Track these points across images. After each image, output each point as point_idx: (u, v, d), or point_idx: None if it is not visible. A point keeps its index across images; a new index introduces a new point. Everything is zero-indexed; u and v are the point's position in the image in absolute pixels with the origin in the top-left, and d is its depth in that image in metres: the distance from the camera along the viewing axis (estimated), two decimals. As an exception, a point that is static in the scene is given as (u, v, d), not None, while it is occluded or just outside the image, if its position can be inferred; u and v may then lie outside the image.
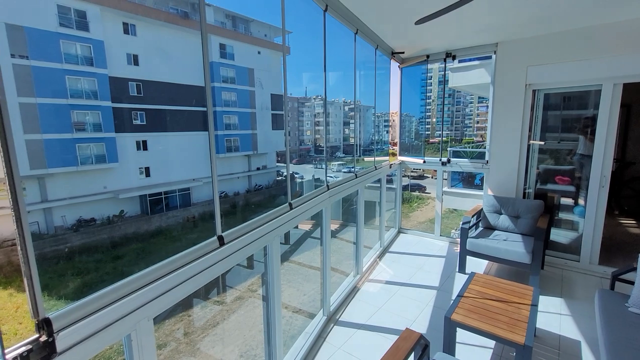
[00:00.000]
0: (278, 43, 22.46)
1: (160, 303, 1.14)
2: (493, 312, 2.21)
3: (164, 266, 1.19)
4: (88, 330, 0.90)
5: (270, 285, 1.94)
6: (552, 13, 2.92)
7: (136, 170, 15.35)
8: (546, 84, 3.68)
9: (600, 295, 2.35)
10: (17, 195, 0.75)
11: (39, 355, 0.80)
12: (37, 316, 0.81)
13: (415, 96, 7.09)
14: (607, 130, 3.38)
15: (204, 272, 1.34)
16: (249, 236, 1.62)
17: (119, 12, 14.66)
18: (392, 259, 4.07)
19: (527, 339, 1.92)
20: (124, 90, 14.90)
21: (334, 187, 2.74)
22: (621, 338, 1.92)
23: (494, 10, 2.80)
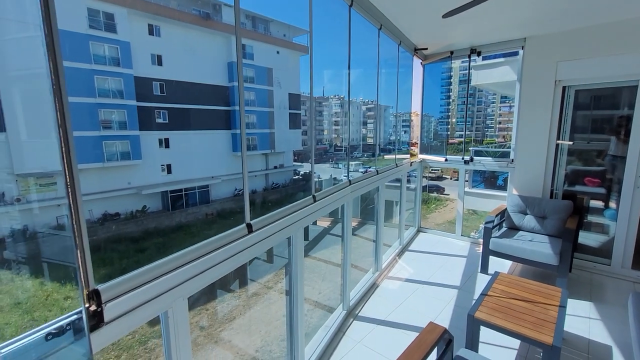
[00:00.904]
0: (297, 43, 22.61)
1: (194, 284, 1.18)
2: (519, 311, 2.16)
3: (197, 249, 1.24)
4: (132, 303, 0.96)
5: (293, 276, 1.97)
6: (584, 6, 2.81)
7: (158, 167, 15.85)
8: (577, 80, 3.54)
9: (635, 299, 2.24)
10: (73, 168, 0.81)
11: (89, 324, 0.85)
12: (88, 287, 0.86)
13: (434, 95, 6.89)
14: (644, 128, 3.22)
15: (233, 258, 1.38)
16: (275, 226, 1.66)
17: (144, 14, 15.18)
18: (412, 258, 4.02)
19: (556, 339, 1.87)
20: (148, 90, 15.42)
21: (356, 182, 2.75)
22: (658, 343, 1.83)
23: (523, 3, 2.72)
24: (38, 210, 10.62)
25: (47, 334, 0.79)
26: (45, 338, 0.79)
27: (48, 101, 0.79)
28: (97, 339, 0.87)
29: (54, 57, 0.78)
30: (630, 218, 3.37)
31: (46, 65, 0.77)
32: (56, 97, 0.79)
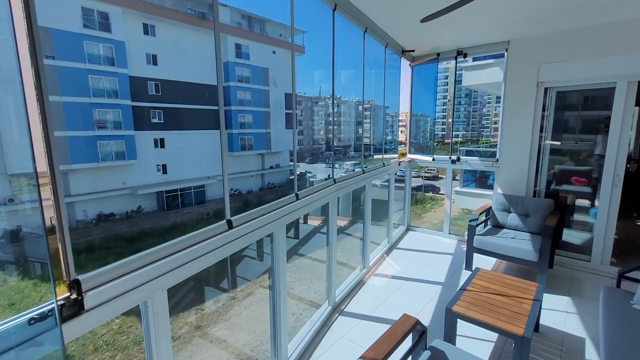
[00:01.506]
0: (294, 44, 22.62)
1: (173, 276, 1.25)
2: (494, 305, 2.25)
3: (178, 243, 1.31)
4: (112, 293, 1.02)
5: (276, 272, 2.04)
6: (565, 10, 2.91)
7: (154, 167, 15.84)
8: (558, 82, 3.65)
9: (606, 293, 2.34)
10: (55, 167, 0.87)
11: (70, 311, 0.92)
12: (69, 277, 0.93)
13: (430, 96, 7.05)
14: (621, 129, 3.33)
15: (213, 252, 1.45)
16: (256, 222, 1.73)
17: (139, 13, 15.16)
18: (399, 255, 4.11)
19: (527, 331, 1.95)
20: (143, 89, 15.41)
21: (341, 181, 2.83)
22: (621, 333, 1.93)
23: (504, 7, 2.81)
24: (31, 210, 10.60)
25: (29, 319, 0.86)
26: (28, 323, 0.86)
27: (29, 101, 0.86)
28: (78, 325, 0.94)
29: (34, 56, 0.84)
30: (609, 215, 3.48)
31: (18, 66, 0.82)
32: (38, 97, 0.86)
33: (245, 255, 6.43)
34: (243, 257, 6.46)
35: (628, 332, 1.94)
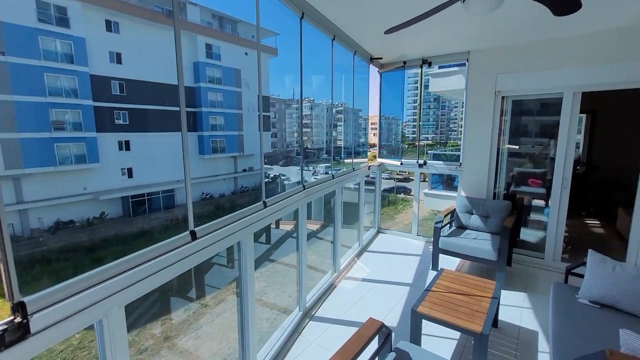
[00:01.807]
0: (266, 45, 22.51)
1: (131, 292, 1.21)
2: (456, 304, 2.36)
3: (136, 257, 1.26)
4: (61, 314, 0.97)
5: (243, 280, 2.02)
6: (517, 26, 3.12)
7: (118, 171, 15.07)
8: (513, 91, 3.90)
9: (555, 288, 2.53)
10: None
11: (14, 335, 0.86)
12: (12, 299, 0.88)
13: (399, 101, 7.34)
14: (568, 135, 3.62)
15: (175, 264, 1.42)
16: (222, 232, 1.70)
17: (101, 9, 14.41)
18: (370, 258, 4.20)
19: (485, 328, 2.07)
20: (106, 89, 14.64)
21: (310, 187, 2.85)
22: (568, 326, 2.09)
23: (463, 21, 2.98)
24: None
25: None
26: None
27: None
28: (23, 350, 0.89)
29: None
30: (559, 215, 3.76)
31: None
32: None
33: (215, 262, 6.27)
34: (212, 264, 6.29)
35: (574, 324, 2.11)
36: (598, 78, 3.34)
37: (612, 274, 2.27)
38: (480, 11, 1.82)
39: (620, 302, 2.19)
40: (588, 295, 2.33)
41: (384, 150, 5.22)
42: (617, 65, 3.21)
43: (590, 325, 2.07)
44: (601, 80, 3.33)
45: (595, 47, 3.29)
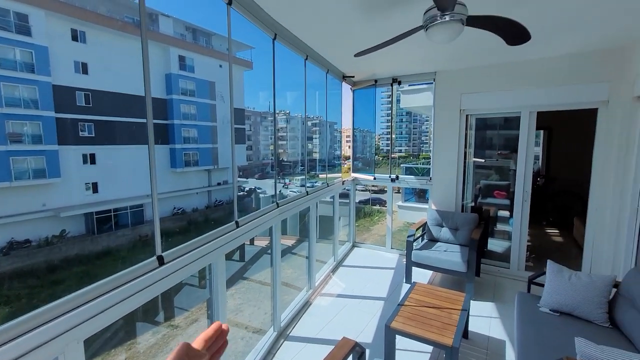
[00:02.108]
0: (240, 58, 22.53)
1: (91, 325, 1.14)
2: (428, 318, 2.42)
3: (97, 288, 1.20)
4: (12, 354, 0.90)
5: (214, 304, 1.96)
6: (478, 50, 3.35)
7: (81, 185, 14.25)
8: (476, 110, 4.15)
9: (519, 298, 2.66)
10: None
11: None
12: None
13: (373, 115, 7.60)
14: (527, 151, 3.87)
15: (141, 292, 1.36)
16: (191, 255, 1.66)
17: (67, 18, 13.88)
18: (345, 273, 4.21)
19: (455, 340, 2.13)
20: (70, 100, 13.96)
21: (284, 204, 2.85)
22: (531, 335, 2.20)
23: (428, 46, 3.15)
24: None
25: None
26: None
27: None
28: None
29: None
30: (522, 226, 3.98)
31: None
32: None
33: (186, 283, 6.00)
34: (183, 285, 6.02)
35: (536, 333, 2.22)
36: (550, 99, 3.63)
37: (569, 283, 2.42)
38: (440, 41, 1.95)
39: (577, 309, 2.34)
40: (548, 304, 2.46)
41: (358, 163, 5.31)
42: (567, 87, 3.51)
43: (551, 334, 2.19)
44: (553, 102, 3.63)
45: (548, 71, 3.59)
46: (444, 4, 1.74)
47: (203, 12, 24.83)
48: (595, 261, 3.57)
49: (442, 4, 1.74)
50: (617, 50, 3.22)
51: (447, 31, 1.90)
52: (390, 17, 2.39)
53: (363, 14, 2.35)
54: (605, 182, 3.43)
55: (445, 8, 1.79)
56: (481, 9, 2.15)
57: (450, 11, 1.81)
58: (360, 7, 2.25)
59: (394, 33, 2.17)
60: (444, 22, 1.86)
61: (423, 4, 2.03)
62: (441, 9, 1.80)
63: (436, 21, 1.88)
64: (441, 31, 1.90)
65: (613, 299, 2.35)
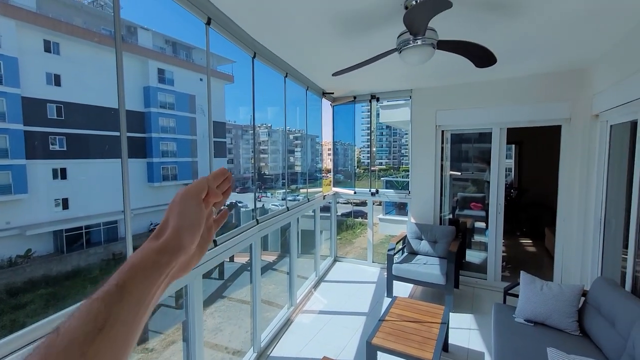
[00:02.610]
0: (221, 71, 22.54)
1: None
2: (408, 332, 2.43)
3: (55, 320, 1.14)
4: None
5: (190, 326, 1.89)
6: (451, 71, 3.52)
7: (50, 202, 13.54)
8: (451, 126, 4.32)
9: (495, 309, 2.73)
10: None
11: None
12: None
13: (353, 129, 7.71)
14: (499, 166, 4.05)
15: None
16: (166, 277, 1.60)
17: (39, 29, 13.49)
18: (327, 288, 4.18)
19: (435, 355, 2.14)
20: (41, 113, 13.42)
21: (264, 221, 2.82)
22: (507, 345, 2.25)
23: (404, 65, 3.27)
24: None
25: None
26: None
27: None
28: None
29: None
30: (497, 238, 4.12)
31: None
32: None
33: (161, 303, 5.75)
34: (159, 306, 5.77)
35: (512, 343, 2.28)
36: (519, 116, 3.84)
37: (541, 293, 2.51)
38: (413, 63, 2.04)
39: (549, 319, 2.42)
40: (523, 314, 2.54)
41: (340, 176, 5.37)
42: (534, 105, 3.74)
43: (526, 344, 2.25)
44: (521, 118, 3.84)
45: (516, 90, 3.81)
46: (416, 29, 1.84)
47: (183, 29, 25.00)
48: (565, 270, 3.72)
49: (414, 29, 1.84)
50: (576, 72, 3.48)
51: (419, 54, 1.99)
52: (366, 40, 2.49)
53: (340, 37, 2.43)
54: (571, 194, 3.63)
55: (417, 33, 1.88)
56: (450, 33, 2.28)
57: (422, 36, 1.91)
58: (337, 31, 2.33)
59: (370, 54, 2.26)
60: (416, 45, 1.96)
61: (396, 28, 2.12)
62: (413, 33, 1.89)
63: (409, 45, 1.97)
64: (414, 54, 2.00)
65: (582, 307, 2.46)
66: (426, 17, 1.68)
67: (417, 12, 1.63)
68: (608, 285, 2.31)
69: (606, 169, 3.05)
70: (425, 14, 1.66)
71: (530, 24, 2.28)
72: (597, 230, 3.16)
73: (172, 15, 28.12)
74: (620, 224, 2.82)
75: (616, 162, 2.94)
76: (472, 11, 2.06)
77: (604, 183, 3.08)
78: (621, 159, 2.82)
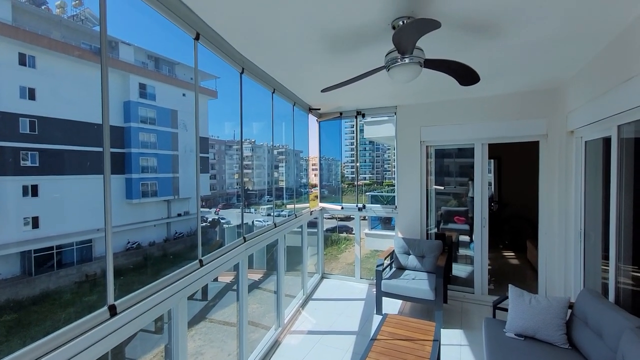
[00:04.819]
0: (206, 87, 22.49)
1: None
2: (401, 352, 2.37)
3: (35, 349, 1.03)
4: None
5: (174, 352, 1.77)
6: (435, 88, 3.63)
7: (19, 220, 12.77)
8: (434, 142, 4.42)
9: (485, 324, 2.72)
10: None
11: None
12: None
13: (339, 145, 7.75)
14: (482, 180, 4.15)
15: (89, 350, 1.19)
16: (149, 301, 1.50)
17: (14, 42, 13.10)
18: (315, 307, 4.07)
19: (429, 375, 2.09)
20: (13, 127, 12.83)
21: (251, 238, 2.74)
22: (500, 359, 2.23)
23: (389, 83, 3.36)
24: None
25: None
26: None
27: None
28: None
29: None
30: (482, 251, 4.17)
31: None
32: None
33: (141, 329, 5.43)
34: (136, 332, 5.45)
35: (505, 358, 2.26)
36: (499, 132, 3.98)
37: (529, 307, 2.53)
38: (401, 80, 2.09)
39: (538, 332, 2.43)
40: (513, 328, 2.54)
41: (325, 191, 5.34)
42: (513, 122, 3.89)
43: (519, 359, 2.24)
44: (502, 134, 3.98)
45: (497, 107, 3.96)
46: (404, 48, 1.88)
47: (171, 44, 24.96)
48: (549, 282, 3.80)
49: (402, 48, 1.88)
50: (552, 90, 3.67)
51: (407, 72, 2.04)
52: (354, 57, 2.53)
53: (328, 54, 2.47)
54: (551, 208, 3.75)
55: (405, 52, 1.93)
56: (435, 51, 2.36)
57: (410, 54, 1.96)
58: (325, 49, 2.36)
59: (358, 71, 2.30)
60: (404, 64, 2.00)
61: (385, 46, 2.18)
62: (401, 52, 1.94)
63: (397, 63, 2.02)
64: (402, 72, 2.04)
65: (569, 320, 2.49)
66: (414, 37, 1.73)
67: (405, 31, 1.68)
68: (592, 297, 2.35)
69: (583, 183, 3.18)
70: (414, 34, 1.71)
71: (508, 46, 2.40)
72: (578, 243, 3.26)
73: (160, 30, 28.13)
74: (599, 237, 2.91)
75: (592, 177, 3.07)
76: (455, 31, 2.15)
77: (581, 197, 3.20)
78: (597, 173, 2.95)
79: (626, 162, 2.37)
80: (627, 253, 2.36)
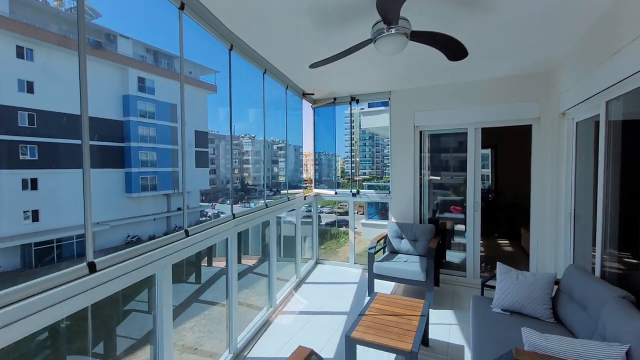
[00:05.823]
0: (203, 81, 22.41)
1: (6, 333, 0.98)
2: (388, 325, 2.39)
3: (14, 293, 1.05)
4: None
5: (159, 322, 1.79)
6: (427, 71, 3.62)
7: (19, 214, 12.83)
8: (428, 126, 4.42)
9: (473, 301, 2.74)
10: None
11: None
12: None
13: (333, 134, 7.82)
14: (475, 164, 4.15)
15: (67, 302, 1.21)
16: (132, 263, 1.52)
17: (10, 34, 13.06)
18: (308, 290, 4.10)
19: (414, 345, 2.11)
20: (11, 121, 12.84)
21: (241, 216, 2.75)
22: (485, 335, 2.25)
23: (380, 65, 3.35)
24: None
25: None
26: None
27: None
28: None
29: None
30: (474, 235, 4.18)
31: None
32: None
33: (132, 309, 5.44)
34: (130, 311, 5.45)
35: (490, 333, 2.28)
36: (492, 116, 3.98)
37: (516, 283, 2.55)
38: (388, 52, 2.09)
39: (524, 307, 2.45)
40: (500, 304, 2.56)
41: (323, 185, 5.35)
42: (506, 106, 3.88)
43: (503, 332, 2.25)
44: (494, 118, 3.97)
45: (489, 91, 3.95)
46: (389, 17, 1.88)
47: (154, 15, 24.31)
48: (540, 262, 3.82)
49: (387, 17, 1.88)
50: (543, 73, 3.65)
51: (393, 43, 2.04)
52: (342, 33, 2.52)
53: (317, 29, 2.46)
54: (543, 190, 3.75)
55: (390, 21, 1.93)
56: (424, 27, 2.35)
57: (395, 24, 1.96)
58: (313, 22, 2.35)
59: (345, 46, 2.29)
60: (390, 34, 2.00)
61: (371, 18, 2.17)
62: (387, 22, 1.94)
63: (383, 34, 2.01)
64: (388, 43, 2.04)
65: (556, 295, 2.50)
66: (399, 1, 1.72)
67: (388, -4, 1.67)
68: (579, 272, 2.37)
69: (574, 165, 3.18)
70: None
71: (498, 22, 2.38)
72: (568, 224, 3.27)
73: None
74: (589, 217, 2.92)
75: (583, 158, 3.07)
76: (444, 5, 2.14)
77: (572, 178, 3.21)
78: (587, 154, 2.95)
79: (614, 142, 2.37)
80: (613, 235, 2.36)
